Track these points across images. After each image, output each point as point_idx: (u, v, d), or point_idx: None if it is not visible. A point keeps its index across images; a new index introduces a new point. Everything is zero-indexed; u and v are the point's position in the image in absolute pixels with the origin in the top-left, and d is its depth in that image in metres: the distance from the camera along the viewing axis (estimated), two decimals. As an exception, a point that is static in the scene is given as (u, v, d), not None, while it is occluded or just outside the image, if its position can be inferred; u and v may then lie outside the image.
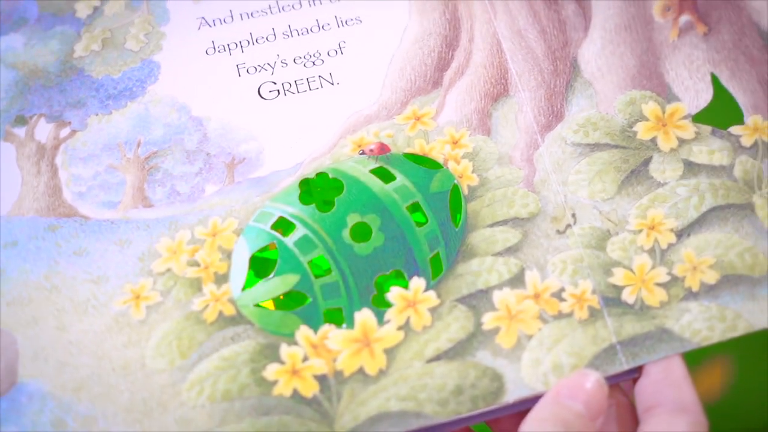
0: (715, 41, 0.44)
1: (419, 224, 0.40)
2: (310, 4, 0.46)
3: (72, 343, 0.38)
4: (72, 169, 0.42)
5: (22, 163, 0.42)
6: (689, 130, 0.42)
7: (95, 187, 0.41)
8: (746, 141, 0.42)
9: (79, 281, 0.39)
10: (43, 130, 0.43)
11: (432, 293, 0.38)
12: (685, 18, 0.44)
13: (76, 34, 0.46)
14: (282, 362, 0.37)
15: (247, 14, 0.46)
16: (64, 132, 0.43)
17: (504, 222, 0.40)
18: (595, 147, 0.42)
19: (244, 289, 0.39)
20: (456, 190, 0.41)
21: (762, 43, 0.44)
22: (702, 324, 0.37)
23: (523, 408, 0.37)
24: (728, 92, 0.43)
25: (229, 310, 0.38)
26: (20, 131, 0.43)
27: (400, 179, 0.41)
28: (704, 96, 0.43)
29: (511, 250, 0.39)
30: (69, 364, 0.37)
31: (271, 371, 0.37)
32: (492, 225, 0.40)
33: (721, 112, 0.42)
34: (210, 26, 0.46)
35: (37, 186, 0.42)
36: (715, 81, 0.43)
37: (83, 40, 0.46)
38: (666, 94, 0.43)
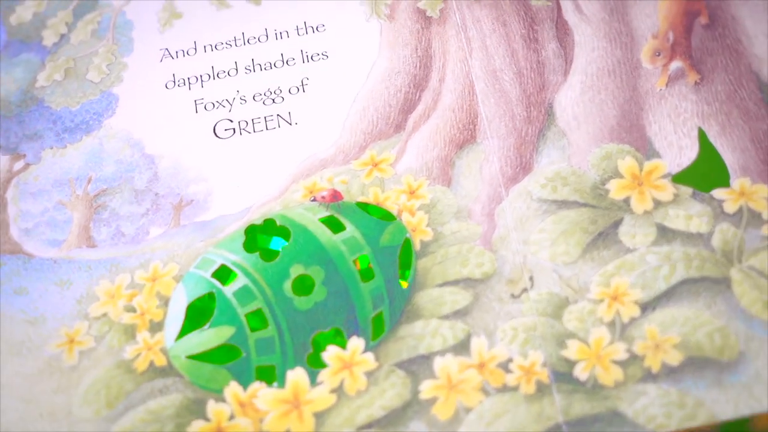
0: (707, 92, 0.40)
1: (365, 280, 0.38)
2: (276, 37, 0.44)
3: (3, 385, 0.37)
4: (21, 204, 0.42)
5: (-26, 196, 0.42)
6: (667, 191, 0.38)
7: (42, 224, 0.41)
8: (730, 207, 0.38)
9: (16, 321, 0.39)
10: (-2, 163, 0.43)
11: (370, 355, 0.36)
12: (676, 65, 0.40)
13: (41, 63, 0.45)
14: (207, 419, 0.36)
15: (211, 46, 0.44)
16: (18, 165, 0.43)
17: (455, 282, 0.38)
18: (563, 204, 0.39)
19: (177, 338, 0.38)
20: (407, 244, 0.39)
21: (759, 96, 0.39)
22: (658, 410, 0.34)
23: (454, 487, 0.35)
24: (715, 150, 0.39)
25: (161, 361, 0.37)
26: (-24, 163, 0.43)
27: (349, 230, 0.39)
28: (688, 153, 0.39)
29: (459, 314, 0.37)
30: (-2, 407, 0.37)
31: (195, 428, 0.36)
32: (442, 285, 0.38)
33: (705, 173, 0.38)
34: (172, 58, 0.44)
35: (-14, 221, 0.41)
36: (702, 137, 0.39)
37: (47, 69, 0.45)
38: (646, 150, 0.39)
